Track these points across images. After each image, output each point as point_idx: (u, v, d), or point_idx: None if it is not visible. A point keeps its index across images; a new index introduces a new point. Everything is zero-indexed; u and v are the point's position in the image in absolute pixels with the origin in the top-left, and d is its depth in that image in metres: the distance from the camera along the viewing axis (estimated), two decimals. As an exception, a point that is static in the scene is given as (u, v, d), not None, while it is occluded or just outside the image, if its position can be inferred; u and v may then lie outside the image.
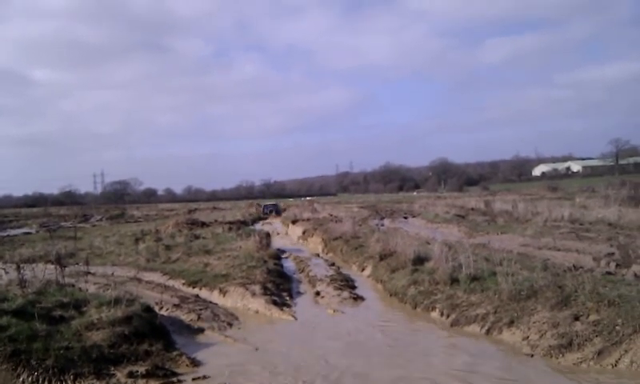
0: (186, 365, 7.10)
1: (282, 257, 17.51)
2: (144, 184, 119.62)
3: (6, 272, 13.57)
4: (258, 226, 34.17)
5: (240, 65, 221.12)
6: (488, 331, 8.16)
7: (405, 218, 35.67)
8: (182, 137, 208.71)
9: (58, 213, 64.28)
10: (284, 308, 10.35)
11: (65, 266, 11.27)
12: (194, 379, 6.62)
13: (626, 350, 6.42)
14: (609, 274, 10.35)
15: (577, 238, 16.86)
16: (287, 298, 11.28)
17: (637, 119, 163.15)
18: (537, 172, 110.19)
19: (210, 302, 10.83)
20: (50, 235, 25.95)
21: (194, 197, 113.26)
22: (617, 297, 7.56)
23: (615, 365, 6.33)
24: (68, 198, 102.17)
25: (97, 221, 47.77)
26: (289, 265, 16.21)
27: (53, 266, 11.02)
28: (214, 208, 60.59)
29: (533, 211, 26.16)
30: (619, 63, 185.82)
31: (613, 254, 12.90)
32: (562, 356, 6.79)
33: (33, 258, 16.34)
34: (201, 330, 8.92)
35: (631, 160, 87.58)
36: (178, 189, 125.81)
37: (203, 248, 18.06)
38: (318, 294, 11.67)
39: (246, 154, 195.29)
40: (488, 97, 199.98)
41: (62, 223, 43.61)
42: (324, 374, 6.73)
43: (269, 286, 11.58)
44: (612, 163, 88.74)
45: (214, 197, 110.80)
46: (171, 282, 13.10)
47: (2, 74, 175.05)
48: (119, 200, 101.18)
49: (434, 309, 9.59)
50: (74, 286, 10.34)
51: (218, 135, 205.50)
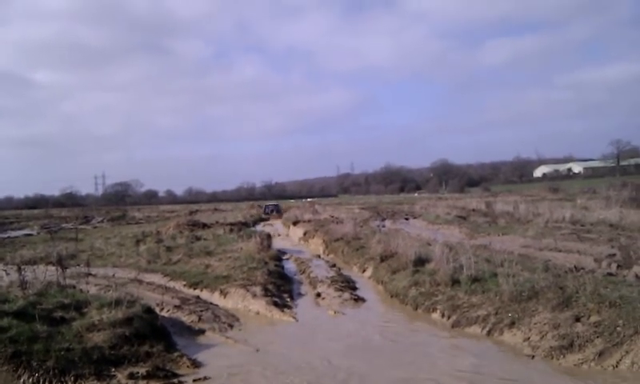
0: (187, 366, 7.10)
1: (283, 258, 17.48)
2: (145, 186, 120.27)
3: (7, 273, 13.58)
4: (259, 227, 34.17)
5: (240, 66, 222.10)
6: (489, 332, 8.15)
7: (406, 219, 35.66)
8: (182, 138, 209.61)
9: (59, 214, 64.33)
10: (285, 309, 10.34)
11: (66, 268, 11.28)
12: (194, 380, 6.62)
13: (627, 351, 6.41)
14: (610, 275, 10.34)
15: (578, 240, 16.84)
16: (288, 300, 11.28)
17: (638, 120, 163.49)
18: (538, 173, 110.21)
19: (211, 304, 10.82)
20: (51, 237, 25.99)
21: (194, 198, 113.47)
22: (618, 298, 7.55)
23: (616, 366, 6.32)
24: (69, 200, 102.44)
25: (98, 222, 47.76)
26: (290, 266, 16.20)
27: (54, 268, 11.02)
28: (215, 209, 60.64)
29: (534, 212, 26.13)
30: (620, 64, 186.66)
31: (614, 256, 12.88)
32: (563, 357, 6.78)
33: (34, 260, 16.40)
34: (202, 332, 8.92)
35: (632, 161, 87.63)
36: (179, 190, 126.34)
37: (204, 249, 18.03)
38: (318, 295, 11.65)
39: (246, 155, 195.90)
40: (488, 98, 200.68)
41: (63, 225, 43.64)
42: (326, 375, 6.72)
43: (270, 287, 11.58)
44: (613, 164, 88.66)
45: (215, 198, 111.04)
46: (172, 284, 13.09)
47: (3, 75, 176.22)
48: (120, 201, 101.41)
49: (435, 310, 9.58)
50: (74, 287, 10.33)
51: (218, 137, 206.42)
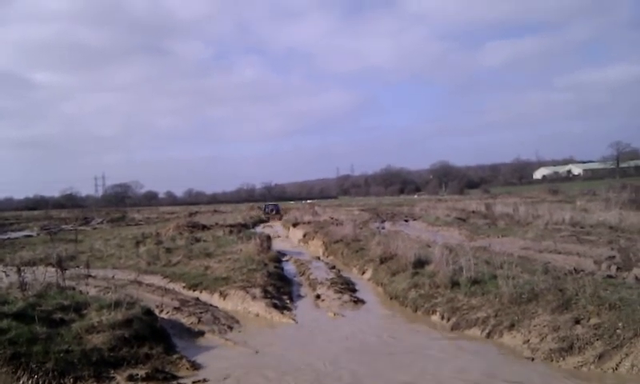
0: (187, 368, 7.10)
1: (283, 260, 17.47)
2: (145, 187, 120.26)
3: (7, 275, 13.54)
4: (259, 228, 34.20)
5: (240, 68, 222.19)
6: (489, 335, 8.14)
7: (406, 220, 35.65)
8: (182, 140, 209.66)
9: (59, 216, 64.31)
10: (284, 311, 10.33)
11: (65, 269, 11.28)
12: (194, 382, 6.61)
13: (626, 354, 6.40)
14: (610, 277, 10.33)
15: (578, 241, 16.83)
16: (288, 301, 11.27)
17: (638, 122, 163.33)
18: (537, 175, 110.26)
19: (211, 305, 10.81)
20: (51, 238, 25.96)
21: (194, 200, 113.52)
22: (618, 300, 7.54)
23: (616, 368, 6.31)
24: (69, 201, 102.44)
25: (97, 224, 47.79)
26: (289, 268, 16.20)
27: (53, 269, 11.02)
28: (215, 211, 60.58)
29: (534, 214, 26.13)
30: (620, 65, 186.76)
31: (614, 258, 12.86)
32: (563, 359, 6.77)
33: (33, 261, 16.41)
34: (201, 333, 8.92)
35: (632, 163, 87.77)
36: (179, 192, 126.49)
37: (204, 251, 18.03)
38: (318, 297, 11.64)
39: (246, 156, 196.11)
40: (488, 100, 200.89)
41: (63, 226, 43.63)
42: (326, 377, 6.71)
43: (269, 289, 11.57)
44: (613, 166, 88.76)
45: (215, 200, 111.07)
46: (172, 285, 13.09)
47: (4, 76, 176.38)
48: (120, 203, 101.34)
49: (434, 312, 9.57)
50: (74, 288, 10.33)
51: (218, 138, 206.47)
